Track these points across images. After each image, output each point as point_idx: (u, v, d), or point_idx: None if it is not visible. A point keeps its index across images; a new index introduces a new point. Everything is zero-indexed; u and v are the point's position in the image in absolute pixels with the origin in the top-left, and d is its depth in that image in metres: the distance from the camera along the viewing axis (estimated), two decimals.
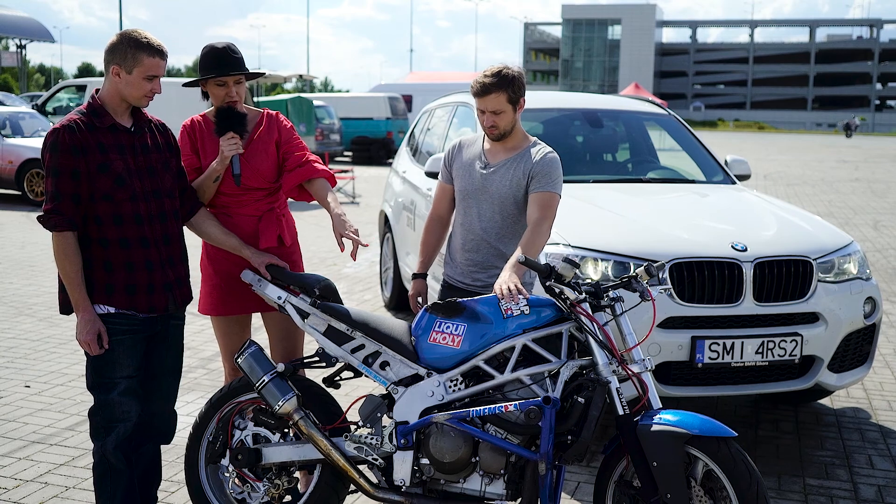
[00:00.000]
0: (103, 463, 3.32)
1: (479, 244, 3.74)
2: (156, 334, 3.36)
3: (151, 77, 3.20)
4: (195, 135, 3.73)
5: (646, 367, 3.10)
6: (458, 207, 3.83)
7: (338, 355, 3.40)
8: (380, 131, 27.41)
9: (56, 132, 3.12)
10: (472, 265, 3.76)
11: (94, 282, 3.20)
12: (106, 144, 3.17)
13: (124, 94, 3.21)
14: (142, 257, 3.23)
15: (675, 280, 4.34)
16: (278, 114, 3.85)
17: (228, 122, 3.58)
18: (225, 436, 3.50)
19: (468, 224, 3.76)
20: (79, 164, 3.10)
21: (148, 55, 3.17)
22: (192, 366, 5.97)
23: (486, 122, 3.64)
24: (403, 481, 3.25)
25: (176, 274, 3.37)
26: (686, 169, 6.50)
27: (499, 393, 3.19)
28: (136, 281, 3.23)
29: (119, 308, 3.22)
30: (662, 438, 2.95)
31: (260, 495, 3.47)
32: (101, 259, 3.20)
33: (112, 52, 3.20)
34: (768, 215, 5.19)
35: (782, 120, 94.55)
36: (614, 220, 4.90)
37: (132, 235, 3.21)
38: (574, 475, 4.30)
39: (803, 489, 4.27)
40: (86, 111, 3.21)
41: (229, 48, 3.63)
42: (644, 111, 6.87)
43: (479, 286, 3.74)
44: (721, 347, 4.32)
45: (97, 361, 3.26)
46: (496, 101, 3.58)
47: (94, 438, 3.33)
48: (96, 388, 3.29)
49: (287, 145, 3.73)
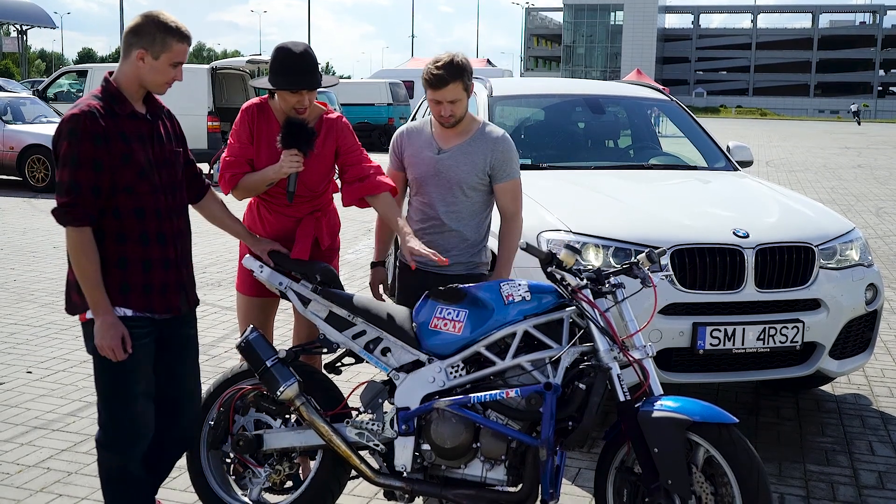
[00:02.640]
0: (124, 473, 3.12)
1: (440, 227, 3.77)
2: (169, 340, 3.16)
3: (177, 63, 3.00)
4: (254, 123, 3.61)
5: (647, 353, 3.10)
6: (415, 193, 3.86)
7: (339, 341, 3.40)
8: (381, 117, 27.36)
9: (76, 118, 2.86)
10: (432, 247, 3.76)
11: (108, 282, 2.95)
12: (128, 133, 2.95)
13: (146, 80, 2.99)
14: (160, 254, 3.03)
15: (677, 266, 4.33)
16: (340, 117, 3.72)
17: (296, 139, 3.40)
18: (226, 421, 3.50)
19: (427, 209, 3.80)
20: (101, 154, 2.86)
21: (178, 41, 2.96)
22: None
23: (444, 111, 3.65)
24: (405, 467, 3.25)
25: (188, 273, 3.20)
26: (688, 155, 6.48)
27: (500, 379, 3.19)
28: (152, 280, 3.02)
29: (136, 310, 3.01)
30: (663, 425, 2.95)
31: (261, 481, 3.48)
32: (116, 256, 2.96)
33: (137, 34, 2.95)
34: (770, 202, 5.18)
35: (785, 106, 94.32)
36: (616, 207, 4.89)
37: (152, 231, 3.01)
38: (575, 461, 4.31)
39: (804, 475, 4.28)
40: (102, 97, 2.96)
41: (307, 55, 3.46)
42: (646, 97, 6.85)
43: (434, 265, 3.69)
44: (722, 334, 4.31)
45: (114, 370, 3.00)
46: (454, 90, 3.60)
47: (113, 451, 3.11)
48: (115, 400, 3.05)
49: (348, 155, 3.65)
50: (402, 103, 27.99)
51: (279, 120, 3.61)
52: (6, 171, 14.87)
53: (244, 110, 3.63)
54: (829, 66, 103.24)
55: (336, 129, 3.66)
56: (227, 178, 3.58)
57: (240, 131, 3.61)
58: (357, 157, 3.66)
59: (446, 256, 3.75)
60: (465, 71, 3.62)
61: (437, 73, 3.58)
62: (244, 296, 3.84)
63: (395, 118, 27.04)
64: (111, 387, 3.05)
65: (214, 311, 7.05)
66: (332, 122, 3.67)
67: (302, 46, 3.50)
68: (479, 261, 3.86)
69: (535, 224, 4.42)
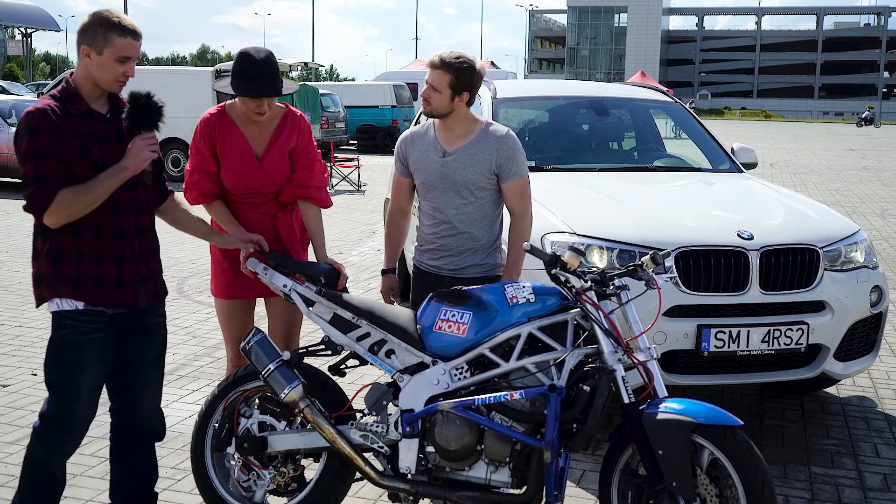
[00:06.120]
0: (44, 467, 3.20)
1: (452, 231, 3.78)
2: (131, 331, 3.20)
3: (124, 59, 3.01)
4: (214, 133, 3.67)
5: (651, 355, 3.10)
6: (424, 198, 3.87)
7: (343, 343, 3.41)
8: (385, 119, 27.37)
9: (32, 115, 2.95)
10: (446, 251, 3.82)
11: (61, 274, 3.04)
12: (82, 131, 3.01)
13: (96, 78, 3.03)
14: (113, 249, 3.08)
15: (681, 268, 4.33)
16: (302, 116, 3.78)
17: (146, 115, 3.08)
18: (231, 424, 3.50)
19: (437, 213, 3.81)
20: (60, 148, 2.94)
21: (119, 35, 2.98)
22: (197, 354, 5.98)
23: (425, 93, 3.75)
24: (409, 469, 3.25)
25: (149, 268, 3.22)
26: (692, 157, 6.48)
27: (504, 381, 3.18)
28: (105, 273, 3.07)
29: (88, 304, 3.06)
30: (668, 427, 2.94)
31: (265, 483, 3.48)
32: (72, 249, 3.04)
33: (83, 32, 3.01)
34: (775, 204, 5.17)
35: (789, 108, 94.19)
36: (620, 209, 4.89)
37: (106, 226, 3.06)
38: (579, 463, 4.31)
39: (809, 477, 4.27)
40: (59, 96, 3.04)
41: (268, 62, 3.51)
42: (650, 99, 6.85)
43: (451, 269, 3.81)
44: (727, 336, 4.31)
45: (63, 364, 3.09)
46: (438, 78, 3.68)
47: (44, 446, 3.18)
48: (58, 395, 3.12)
49: (301, 157, 3.72)
50: (406, 105, 27.99)
51: (240, 125, 3.68)
52: (11, 174, 14.89)
53: (202, 122, 3.69)
54: (833, 68, 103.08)
55: (298, 127, 3.73)
56: (193, 195, 3.69)
57: (199, 143, 3.68)
58: (309, 162, 3.73)
59: (461, 260, 3.77)
60: (457, 70, 3.65)
61: (439, 56, 3.71)
62: (223, 300, 3.86)
63: (399, 120, 27.05)
64: (56, 380, 3.12)
65: None
66: (296, 120, 3.74)
67: (264, 53, 3.56)
68: (494, 262, 3.86)
69: (538, 226, 4.40)
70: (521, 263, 3.80)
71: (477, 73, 3.71)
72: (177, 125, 18.05)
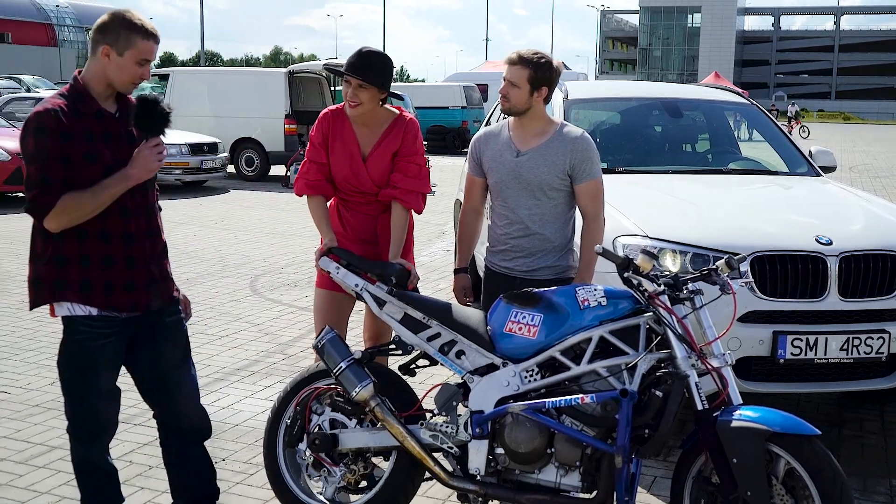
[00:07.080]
0: (88, 462, 3.23)
1: (525, 231, 3.78)
2: (151, 334, 3.18)
3: (144, 62, 2.97)
4: (329, 128, 3.83)
5: (726, 361, 3.05)
6: (497, 198, 3.87)
7: (414, 343, 3.42)
8: (455, 120, 27.44)
9: (40, 116, 2.87)
10: (518, 252, 3.83)
11: (68, 280, 2.98)
12: (93, 132, 2.94)
13: (112, 78, 2.97)
14: (123, 253, 3.02)
15: (757, 273, 4.25)
16: (412, 119, 3.86)
17: (152, 119, 3.01)
18: (303, 420, 3.55)
19: (510, 213, 3.82)
20: (67, 150, 2.87)
21: (143, 38, 2.95)
22: (270, 351, 6.08)
23: (502, 90, 3.76)
24: (478, 470, 3.25)
25: (160, 270, 3.17)
26: (768, 160, 6.35)
27: (575, 384, 3.16)
28: (113, 277, 3.01)
29: (100, 309, 3.01)
30: (743, 435, 2.89)
31: (336, 480, 3.52)
32: (77, 254, 2.97)
33: (102, 31, 2.95)
34: (854, 208, 5.04)
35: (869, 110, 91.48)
36: (694, 212, 4.82)
37: (115, 229, 3.00)
38: (651, 469, 4.26)
39: (889, 490, 4.14)
40: (68, 95, 2.97)
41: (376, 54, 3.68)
42: (724, 101, 6.73)
43: (523, 270, 3.81)
44: (804, 343, 4.21)
45: (75, 367, 3.09)
46: (516, 73, 3.71)
47: (78, 443, 3.20)
48: (75, 395, 3.13)
49: (400, 160, 3.80)
50: (476, 106, 28.03)
51: (354, 126, 3.82)
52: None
53: (321, 116, 3.88)
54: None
55: (405, 129, 3.82)
56: (300, 185, 3.87)
57: (315, 134, 3.87)
58: (405, 164, 3.79)
59: (531, 259, 3.77)
60: (536, 66, 3.69)
61: (514, 54, 3.74)
62: (322, 290, 3.93)
63: (469, 121, 27.10)
64: (72, 382, 3.13)
65: (291, 311, 7.16)
66: (404, 122, 3.84)
67: (377, 50, 3.72)
68: (566, 264, 3.85)
69: (611, 229, 4.36)
70: (594, 266, 3.78)
71: (555, 69, 3.74)
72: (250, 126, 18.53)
